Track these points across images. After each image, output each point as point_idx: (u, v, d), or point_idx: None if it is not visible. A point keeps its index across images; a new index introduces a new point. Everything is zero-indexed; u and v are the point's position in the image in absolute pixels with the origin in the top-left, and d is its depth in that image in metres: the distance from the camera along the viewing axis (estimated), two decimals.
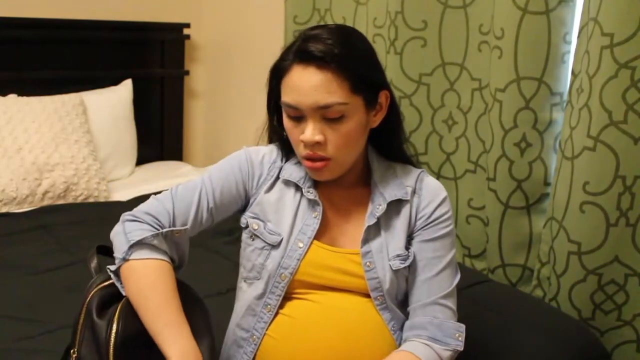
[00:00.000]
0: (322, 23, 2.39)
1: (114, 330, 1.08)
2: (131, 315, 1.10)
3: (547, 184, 1.88)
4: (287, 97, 1.16)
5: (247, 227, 1.26)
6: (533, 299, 1.84)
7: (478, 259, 2.09)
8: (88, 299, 1.14)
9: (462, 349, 1.19)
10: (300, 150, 1.18)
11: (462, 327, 1.21)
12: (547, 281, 1.83)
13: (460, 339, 1.19)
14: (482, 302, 1.69)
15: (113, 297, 1.14)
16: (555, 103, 1.82)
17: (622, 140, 1.58)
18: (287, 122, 1.19)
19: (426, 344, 1.18)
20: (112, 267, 1.17)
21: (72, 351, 1.12)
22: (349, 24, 2.30)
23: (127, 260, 1.14)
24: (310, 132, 1.15)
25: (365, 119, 1.19)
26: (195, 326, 1.13)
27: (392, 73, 2.13)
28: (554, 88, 1.81)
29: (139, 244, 1.15)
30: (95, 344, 1.09)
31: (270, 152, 1.29)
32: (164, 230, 1.17)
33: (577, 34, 1.69)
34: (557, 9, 1.75)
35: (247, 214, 1.26)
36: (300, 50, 1.14)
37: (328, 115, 1.14)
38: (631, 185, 1.60)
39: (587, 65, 1.62)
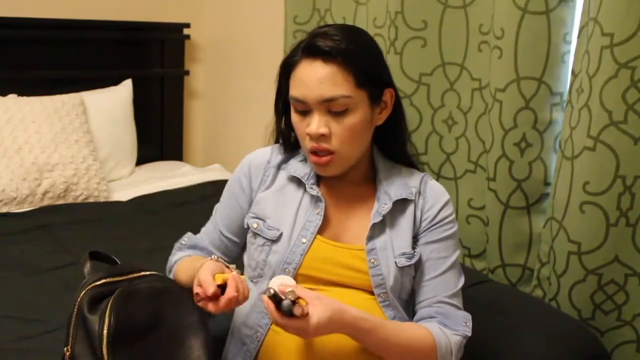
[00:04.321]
0: (322, 23, 2.39)
1: (106, 324, 1.10)
2: (123, 308, 1.12)
3: (547, 184, 1.88)
4: (294, 90, 1.20)
5: (249, 227, 1.29)
6: (533, 299, 1.84)
7: (478, 259, 2.09)
8: (79, 297, 1.16)
9: (470, 334, 1.24)
10: (307, 144, 1.22)
11: (469, 316, 1.26)
12: (547, 281, 1.83)
13: (468, 325, 1.25)
14: (482, 302, 1.69)
15: (104, 294, 1.16)
16: (555, 103, 1.82)
17: (622, 140, 1.58)
18: (294, 117, 1.23)
19: (437, 326, 1.22)
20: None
21: (65, 349, 1.13)
22: (349, 24, 2.30)
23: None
24: (315, 124, 1.18)
25: (369, 114, 1.22)
26: (189, 322, 1.15)
27: (392, 73, 2.12)
28: (554, 88, 1.81)
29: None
30: (88, 339, 1.11)
31: (268, 153, 1.33)
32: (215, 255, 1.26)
33: (577, 34, 1.69)
34: (557, 9, 1.75)
35: (249, 215, 1.30)
36: (308, 46, 1.19)
37: (333, 109, 1.18)
38: (631, 185, 1.60)
39: (587, 65, 1.61)
